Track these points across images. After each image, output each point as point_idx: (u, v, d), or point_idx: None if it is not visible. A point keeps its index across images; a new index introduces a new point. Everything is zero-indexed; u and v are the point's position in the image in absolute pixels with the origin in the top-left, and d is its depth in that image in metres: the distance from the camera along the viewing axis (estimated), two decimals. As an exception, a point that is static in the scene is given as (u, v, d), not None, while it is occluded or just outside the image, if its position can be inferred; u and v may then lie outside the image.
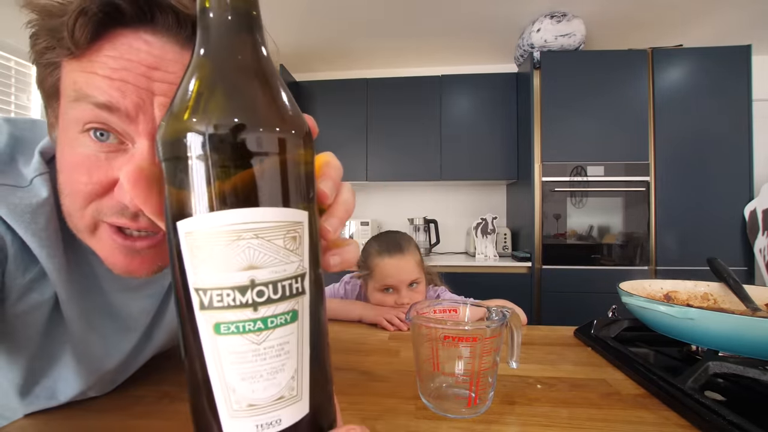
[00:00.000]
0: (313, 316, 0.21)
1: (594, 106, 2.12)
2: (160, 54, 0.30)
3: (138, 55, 0.29)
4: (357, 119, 2.61)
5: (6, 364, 0.38)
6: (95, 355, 0.42)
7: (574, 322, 0.75)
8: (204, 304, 0.18)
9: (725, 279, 0.68)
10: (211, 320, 0.18)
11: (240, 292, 0.18)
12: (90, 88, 0.29)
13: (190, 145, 0.18)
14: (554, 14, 2.15)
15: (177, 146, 0.18)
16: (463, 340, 0.40)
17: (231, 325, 0.18)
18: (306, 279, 0.20)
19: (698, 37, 2.36)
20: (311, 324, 0.20)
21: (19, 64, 2.01)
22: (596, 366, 0.56)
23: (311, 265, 0.20)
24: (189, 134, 0.18)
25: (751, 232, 1.99)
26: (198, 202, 0.18)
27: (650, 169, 2.09)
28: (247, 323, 0.18)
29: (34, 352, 0.39)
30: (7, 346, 0.37)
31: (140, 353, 0.48)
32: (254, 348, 0.18)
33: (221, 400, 0.19)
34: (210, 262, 0.18)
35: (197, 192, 0.18)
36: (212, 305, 0.18)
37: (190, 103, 0.19)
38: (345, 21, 2.27)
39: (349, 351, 0.62)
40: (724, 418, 0.37)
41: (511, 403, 0.44)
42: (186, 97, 0.19)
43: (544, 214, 2.14)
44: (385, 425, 0.39)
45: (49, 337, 0.39)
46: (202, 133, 0.18)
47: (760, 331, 0.44)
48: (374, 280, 0.93)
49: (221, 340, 0.18)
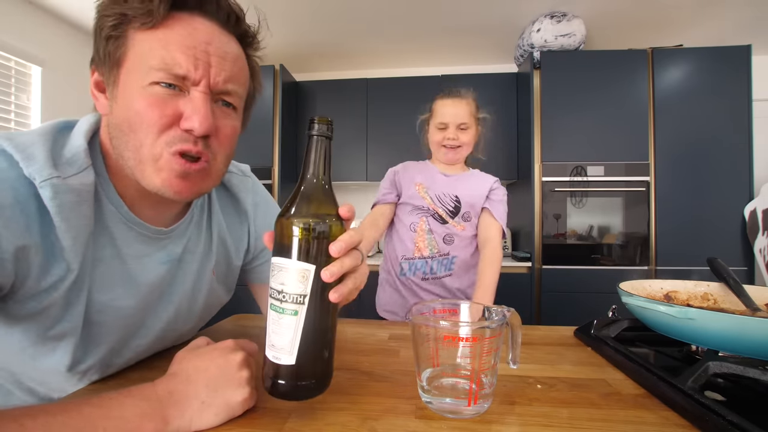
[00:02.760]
0: (307, 318, 0.38)
1: (594, 106, 2.12)
2: (211, 33, 0.44)
3: (200, 35, 0.43)
4: (357, 119, 2.61)
5: (55, 347, 0.45)
6: (120, 324, 0.49)
7: (574, 322, 0.75)
8: (270, 294, 0.39)
9: (725, 279, 0.68)
10: (269, 302, 0.39)
11: (276, 292, 0.38)
12: (167, 60, 0.41)
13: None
14: (554, 14, 2.15)
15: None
16: (463, 340, 0.40)
17: (271, 307, 0.39)
18: (306, 298, 0.37)
19: (698, 37, 2.35)
20: (305, 321, 0.38)
21: (19, 64, 2.01)
22: (596, 366, 0.56)
23: (312, 292, 0.37)
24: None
25: (751, 232, 1.99)
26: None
27: (650, 169, 2.09)
28: (277, 308, 0.38)
29: (65, 329, 0.44)
30: (40, 324, 0.43)
31: (160, 318, 0.55)
32: (277, 320, 0.38)
33: (267, 339, 0.39)
34: (272, 276, 0.39)
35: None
36: (270, 295, 0.39)
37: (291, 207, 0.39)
38: (345, 21, 2.27)
39: (349, 351, 0.62)
40: (724, 418, 0.37)
41: (511, 403, 0.44)
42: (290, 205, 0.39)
43: (544, 214, 2.14)
44: (385, 425, 0.39)
45: (72, 310, 0.44)
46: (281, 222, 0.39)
47: (760, 331, 0.44)
48: (433, 118, 1.10)
49: (270, 312, 0.39)
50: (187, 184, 0.45)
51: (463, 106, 1.07)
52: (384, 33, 2.41)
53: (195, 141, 0.44)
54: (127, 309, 0.49)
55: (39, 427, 0.30)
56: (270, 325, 0.39)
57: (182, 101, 0.43)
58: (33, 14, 2.05)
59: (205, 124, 0.43)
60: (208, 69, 0.43)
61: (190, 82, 0.43)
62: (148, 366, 0.55)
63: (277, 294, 0.38)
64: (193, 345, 0.44)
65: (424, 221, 1.09)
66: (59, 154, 0.42)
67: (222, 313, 0.78)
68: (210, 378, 0.39)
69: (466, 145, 1.09)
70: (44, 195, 0.39)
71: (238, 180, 0.65)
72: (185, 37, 0.42)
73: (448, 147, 1.08)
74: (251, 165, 0.70)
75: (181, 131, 0.43)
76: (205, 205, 0.60)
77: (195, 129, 0.43)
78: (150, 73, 0.41)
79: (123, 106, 0.43)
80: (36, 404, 0.33)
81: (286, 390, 0.38)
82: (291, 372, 0.38)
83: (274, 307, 0.38)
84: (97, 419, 0.33)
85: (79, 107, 2.34)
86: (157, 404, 0.36)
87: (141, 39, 0.42)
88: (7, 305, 0.41)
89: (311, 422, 0.39)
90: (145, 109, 0.42)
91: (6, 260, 0.37)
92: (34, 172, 0.39)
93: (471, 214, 1.09)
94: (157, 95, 0.42)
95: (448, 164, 1.14)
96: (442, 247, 1.08)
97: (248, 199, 0.65)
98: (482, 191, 1.10)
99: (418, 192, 1.11)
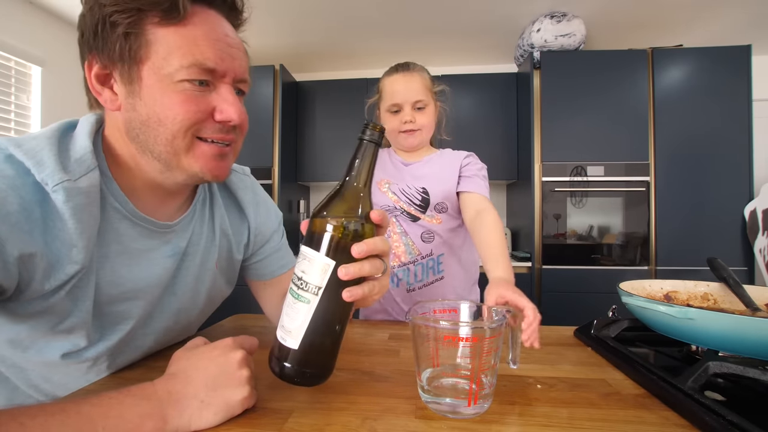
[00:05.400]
0: (318, 309, 0.39)
1: (594, 106, 2.12)
2: (224, 25, 0.47)
3: (219, 28, 0.46)
4: (357, 119, 2.61)
5: (65, 339, 0.46)
6: (127, 317, 0.51)
7: (574, 322, 0.75)
8: (292, 278, 0.41)
9: (725, 279, 0.68)
10: (291, 285, 0.41)
11: (297, 278, 0.40)
12: (202, 56, 0.43)
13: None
14: (554, 14, 2.15)
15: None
16: (463, 340, 0.40)
17: (290, 290, 0.41)
18: (320, 291, 0.39)
19: (698, 37, 2.35)
20: (315, 312, 0.39)
21: (19, 64, 2.01)
22: (596, 366, 0.56)
23: (328, 286, 0.39)
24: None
25: (751, 232, 1.99)
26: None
27: (650, 169, 2.09)
28: (294, 292, 0.41)
29: (74, 323, 0.45)
30: (55, 321, 0.44)
31: (165, 310, 0.56)
32: (292, 303, 0.40)
33: (280, 318, 0.42)
34: (297, 261, 0.41)
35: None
36: (292, 279, 0.41)
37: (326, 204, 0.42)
38: (345, 21, 2.27)
39: (349, 351, 0.62)
40: (724, 418, 0.37)
41: (511, 403, 0.44)
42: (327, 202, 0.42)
43: (544, 214, 2.14)
44: (385, 425, 0.39)
45: (81, 306, 0.45)
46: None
47: (760, 331, 0.44)
48: (383, 100, 0.93)
49: (288, 294, 0.41)
50: (223, 165, 0.50)
51: (416, 81, 0.89)
52: (384, 33, 2.41)
53: (229, 130, 0.48)
54: (133, 302, 0.50)
55: (38, 426, 0.30)
56: (285, 307, 0.41)
57: (212, 95, 0.46)
58: (33, 14, 2.05)
59: (241, 116, 0.48)
60: (232, 62, 0.46)
61: (218, 74, 0.45)
62: (149, 366, 0.55)
63: (297, 280, 0.40)
64: (190, 344, 0.44)
65: (395, 223, 0.94)
66: (66, 156, 0.43)
67: (222, 312, 0.78)
68: (209, 377, 0.39)
69: (426, 127, 0.92)
70: (57, 199, 0.40)
71: (238, 178, 0.66)
72: (208, 31, 0.44)
73: (407, 131, 0.91)
74: (251, 165, 0.71)
75: (215, 123, 0.46)
76: (207, 198, 0.61)
77: (234, 120, 0.47)
78: (180, 70, 0.43)
79: (150, 102, 0.44)
80: (35, 404, 0.33)
81: (284, 371, 0.40)
82: (292, 355, 0.40)
83: (292, 291, 0.41)
84: (97, 418, 0.33)
85: (79, 107, 2.34)
86: (156, 404, 0.36)
87: (164, 35, 0.43)
88: (12, 305, 0.42)
89: (311, 422, 0.39)
90: (179, 105, 0.44)
91: (9, 263, 0.38)
92: (46, 177, 0.40)
93: (446, 204, 0.92)
94: (190, 91, 0.44)
95: (409, 151, 0.97)
96: (422, 248, 0.92)
97: (247, 197, 0.66)
98: (453, 173, 0.92)
99: (380, 189, 0.96)
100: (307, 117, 2.70)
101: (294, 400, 0.44)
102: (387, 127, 0.90)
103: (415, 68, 0.91)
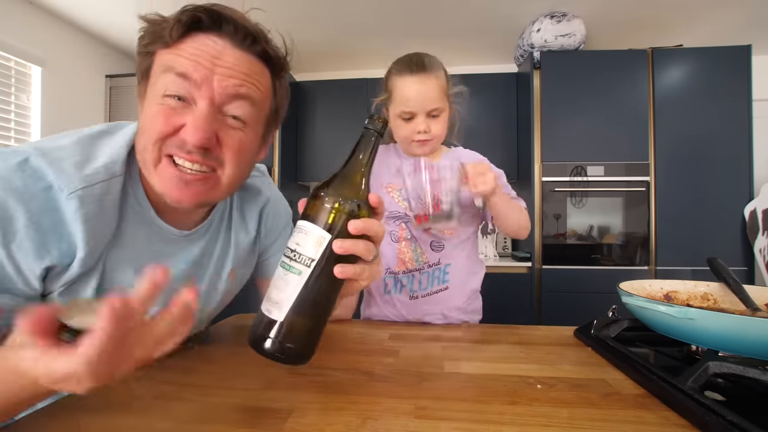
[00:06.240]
0: (308, 282, 0.40)
1: (594, 106, 2.12)
2: (221, 49, 0.46)
3: (207, 47, 0.45)
4: (357, 119, 2.60)
5: None
6: None
7: (574, 322, 0.75)
8: (284, 252, 0.42)
9: (725, 279, 0.68)
10: (281, 260, 0.42)
11: (290, 251, 0.41)
12: (174, 63, 0.44)
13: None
14: (554, 14, 2.15)
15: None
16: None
17: (281, 263, 0.42)
18: (313, 263, 0.40)
19: (698, 37, 2.35)
20: (304, 284, 0.40)
21: (19, 64, 2.01)
22: (596, 366, 0.56)
23: (321, 259, 0.40)
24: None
25: (751, 232, 1.99)
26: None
27: (650, 169, 2.09)
28: (285, 265, 0.41)
29: None
30: None
31: None
32: (282, 275, 0.41)
33: (266, 293, 0.42)
34: (291, 236, 0.42)
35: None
36: (283, 253, 0.42)
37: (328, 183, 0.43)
38: (345, 21, 2.27)
39: (349, 351, 0.62)
40: (724, 418, 0.37)
41: (511, 403, 0.44)
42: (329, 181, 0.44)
43: (544, 214, 2.14)
44: (385, 425, 0.39)
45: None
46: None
47: (760, 331, 0.44)
48: (393, 103, 0.83)
49: (278, 268, 0.42)
50: (188, 192, 0.47)
51: (432, 87, 0.79)
52: (384, 33, 2.41)
53: (189, 151, 0.45)
54: None
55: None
56: (273, 280, 0.41)
57: (186, 113, 0.45)
58: (33, 14, 2.05)
59: (197, 135, 0.44)
60: (210, 77, 0.45)
61: (194, 84, 0.44)
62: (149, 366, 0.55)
63: (290, 252, 0.41)
64: None
65: (404, 229, 0.89)
66: (91, 161, 0.45)
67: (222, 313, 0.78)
68: None
69: (439, 135, 0.85)
70: (70, 206, 0.42)
71: (257, 180, 0.68)
72: (194, 48, 0.45)
73: (419, 141, 0.83)
74: (251, 165, 0.72)
75: (179, 138, 0.45)
76: (226, 211, 0.63)
77: (187, 139, 0.44)
78: (161, 78, 0.45)
79: (143, 114, 0.47)
80: None
81: (266, 345, 0.40)
82: (277, 329, 0.40)
83: (284, 264, 0.41)
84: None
85: (79, 107, 2.34)
86: None
87: (161, 55, 0.46)
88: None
89: (311, 422, 0.39)
90: (154, 117, 0.45)
91: (31, 281, 0.41)
92: (63, 185, 0.41)
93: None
94: (167, 105, 0.45)
95: (420, 155, 0.90)
96: (430, 257, 0.89)
97: (261, 198, 0.67)
98: None
99: (389, 194, 0.91)
100: (307, 117, 2.70)
101: (294, 400, 0.44)
102: (398, 134, 0.86)
103: (431, 68, 0.80)
